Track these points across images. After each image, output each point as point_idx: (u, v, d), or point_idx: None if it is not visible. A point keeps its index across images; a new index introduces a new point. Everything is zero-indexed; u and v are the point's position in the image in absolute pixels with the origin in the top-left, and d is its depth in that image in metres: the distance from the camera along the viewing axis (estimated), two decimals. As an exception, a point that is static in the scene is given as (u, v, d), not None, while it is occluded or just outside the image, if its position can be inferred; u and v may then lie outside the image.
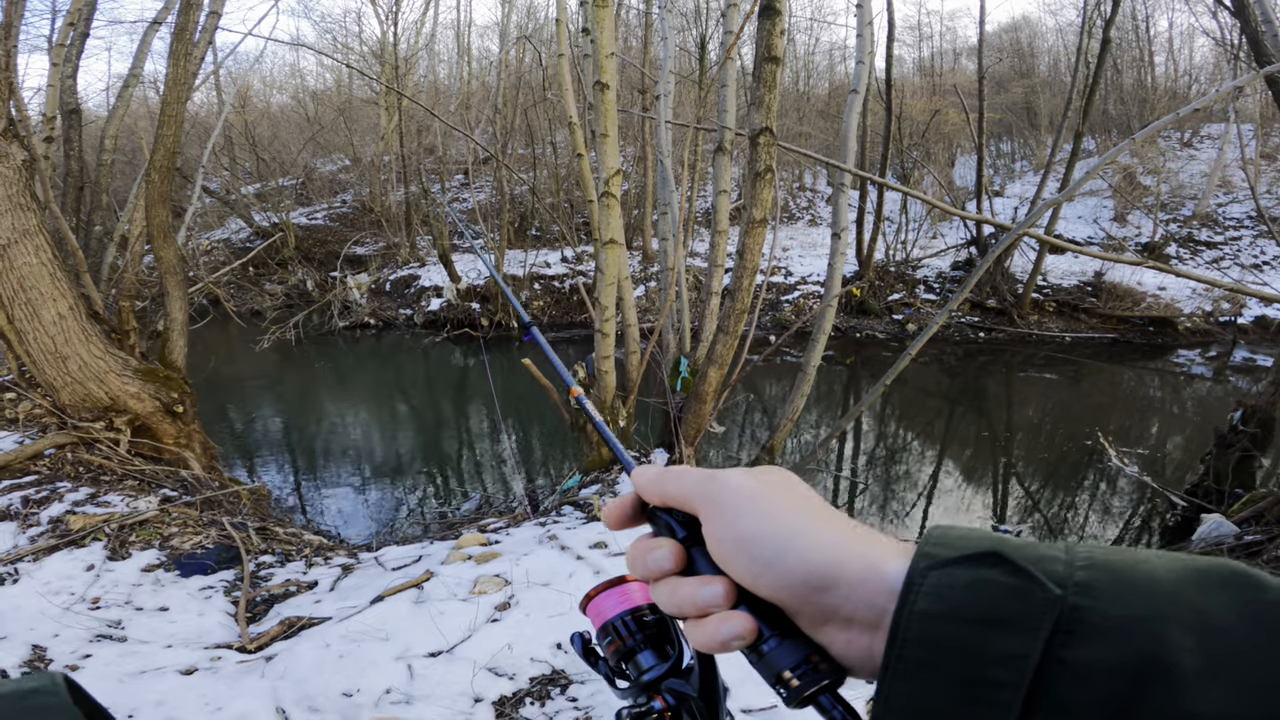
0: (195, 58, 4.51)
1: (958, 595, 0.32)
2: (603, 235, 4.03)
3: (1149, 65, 19.49)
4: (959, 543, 0.34)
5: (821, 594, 0.36)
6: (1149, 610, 0.30)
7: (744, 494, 0.39)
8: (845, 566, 0.36)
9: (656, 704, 0.45)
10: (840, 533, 0.37)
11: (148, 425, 4.42)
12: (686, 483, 0.42)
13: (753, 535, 0.38)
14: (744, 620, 0.38)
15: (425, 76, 20.60)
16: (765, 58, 3.46)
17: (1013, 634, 0.31)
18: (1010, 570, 0.32)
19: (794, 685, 0.36)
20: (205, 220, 15.67)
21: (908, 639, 0.32)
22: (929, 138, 15.49)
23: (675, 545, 0.41)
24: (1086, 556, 0.32)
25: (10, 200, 3.69)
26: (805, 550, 0.37)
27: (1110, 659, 0.29)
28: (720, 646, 0.38)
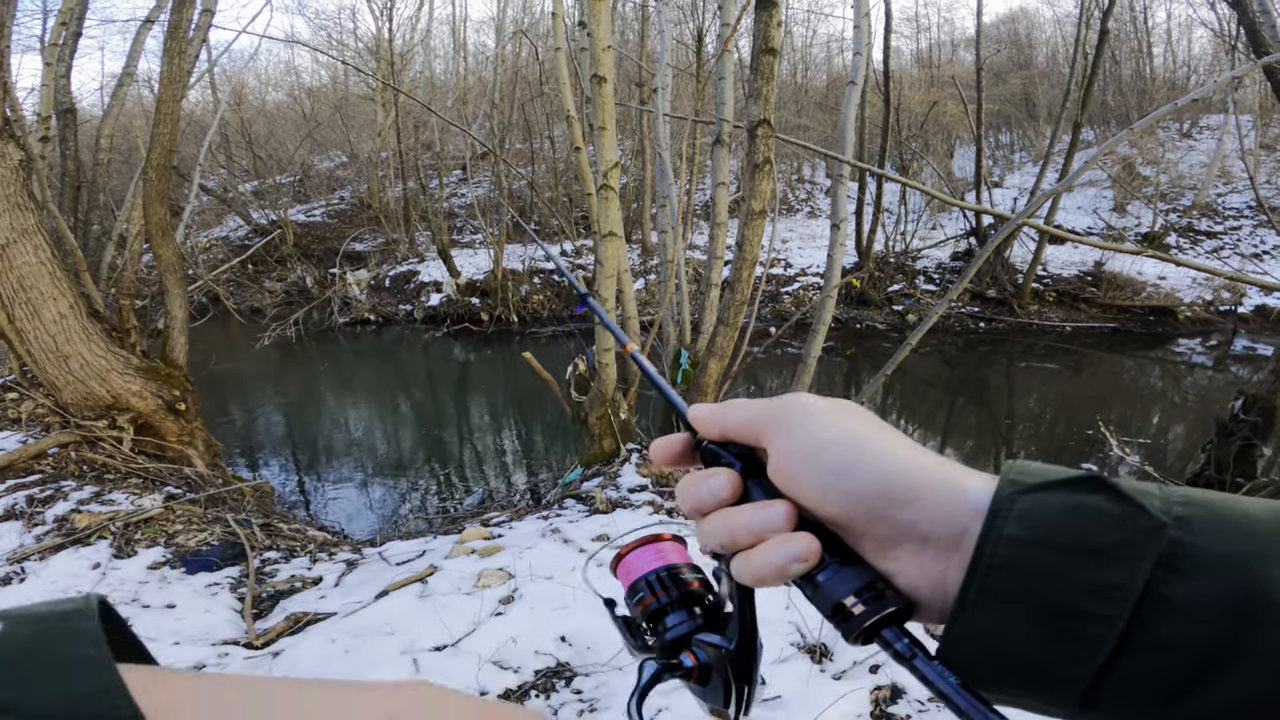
0: (190, 55, 4.50)
1: (1053, 519, 0.30)
2: (601, 228, 4.03)
3: (1147, 56, 19.45)
4: (1048, 470, 0.32)
5: (899, 508, 0.33)
6: (1251, 547, 0.28)
7: (817, 409, 0.37)
8: (925, 479, 0.33)
9: (686, 659, 0.42)
10: (918, 451, 0.35)
11: (150, 423, 4.42)
12: (752, 408, 0.39)
13: (827, 443, 0.35)
14: (806, 539, 0.34)
15: (421, 72, 20.54)
16: (763, 50, 3.45)
17: (1114, 564, 0.29)
18: (1113, 496, 0.30)
19: (857, 613, 0.33)
20: (203, 219, 15.64)
21: (993, 566, 0.30)
22: (927, 129, 15.46)
23: (732, 473, 0.39)
24: (1183, 494, 0.31)
25: (8, 200, 3.68)
26: (883, 458, 0.34)
27: (1213, 596, 0.28)
28: (777, 573, 0.35)
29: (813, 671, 2.16)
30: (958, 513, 0.32)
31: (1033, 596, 0.30)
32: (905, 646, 0.33)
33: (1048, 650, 0.29)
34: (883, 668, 2.17)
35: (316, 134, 18.56)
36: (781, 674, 2.16)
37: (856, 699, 2.06)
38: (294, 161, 18.23)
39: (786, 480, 0.36)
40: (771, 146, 3.55)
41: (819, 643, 2.29)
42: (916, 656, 0.32)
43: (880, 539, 0.34)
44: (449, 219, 15.26)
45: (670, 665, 0.42)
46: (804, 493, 0.36)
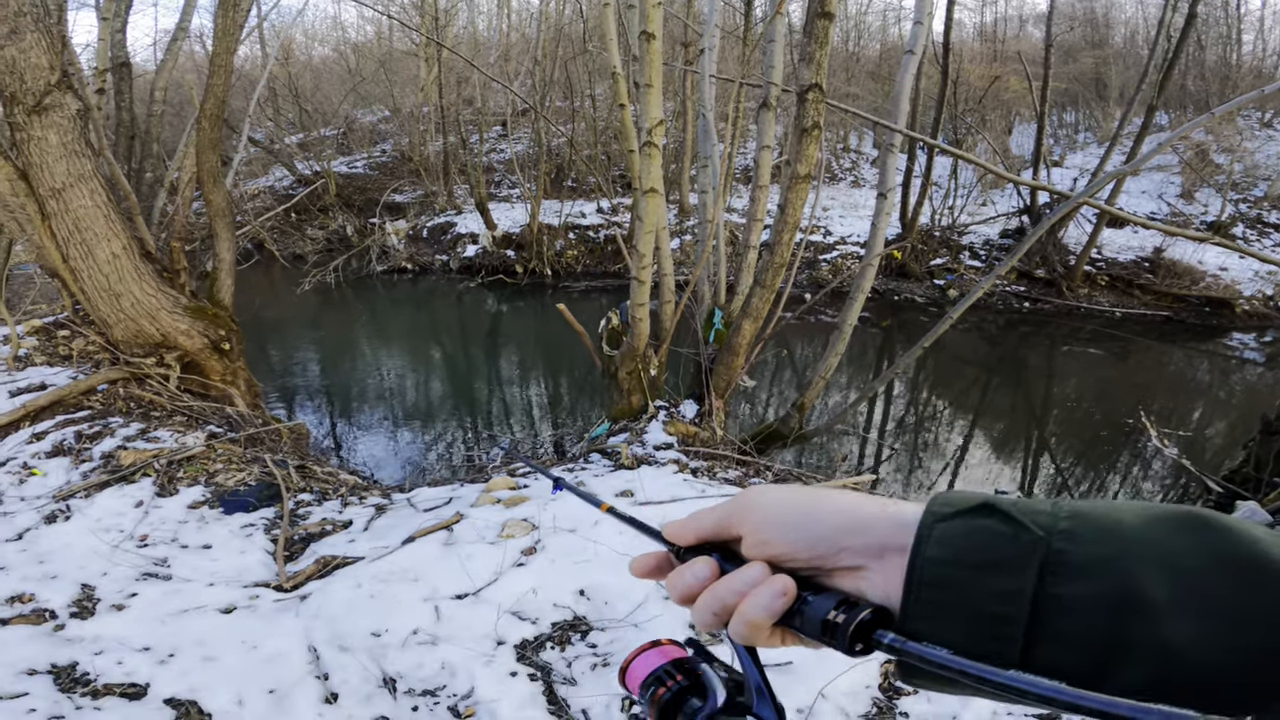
0: (242, 9, 4.54)
1: (960, 542, 0.37)
2: (643, 184, 4.00)
3: (1235, 43, 18.31)
4: (958, 500, 0.39)
5: (857, 535, 0.40)
6: (1117, 550, 0.34)
7: (772, 488, 0.45)
8: (871, 511, 0.41)
9: None
10: (859, 495, 0.43)
11: (196, 362, 4.59)
12: (718, 509, 0.47)
13: (788, 506, 0.43)
14: (781, 578, 0.41)
15: (465, 28, 20.34)
16: (818, 13, 3.33)
17: (1008, 573, 0.35)
18: (1002, 519, 0.36)
19: (840, 622, 0.39)
20: (250, 169, 15.92)
21: (922, 582, 0.37)
22: (986, 104, 14.82)
23: (709, 558, 0.45)
24: (1070, 508, 0.36)
25: (65, 147, 3.80)
26: (835, 504, 0.42)
27: (1092, 593, 0.33)
28: (765, 612, 0.41)
29: (825, 640, 2.18)
30: (899, 531, 0.39)
31: (957, 604, 0.36)
32: (893, 639, 0.37)
33: (977, 645, 0.35)
34: (896, 641, 2.17)
35: (361, 88, 18.63)
36: (794, 640, 2.18)
37: (867, 670, 2.07)
38: (338, 115, 18.36)
39: (761, 547, 0.43)
40: (821, 111, 3.45)
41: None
42: (906, 643, 0.37)
43: (848, 565, 0.41)
44: (487, 173, 15.27)
45: None
46: (777, 550, 0.43)
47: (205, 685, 2.10)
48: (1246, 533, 0.33)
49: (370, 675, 2.15)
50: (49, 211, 3.94)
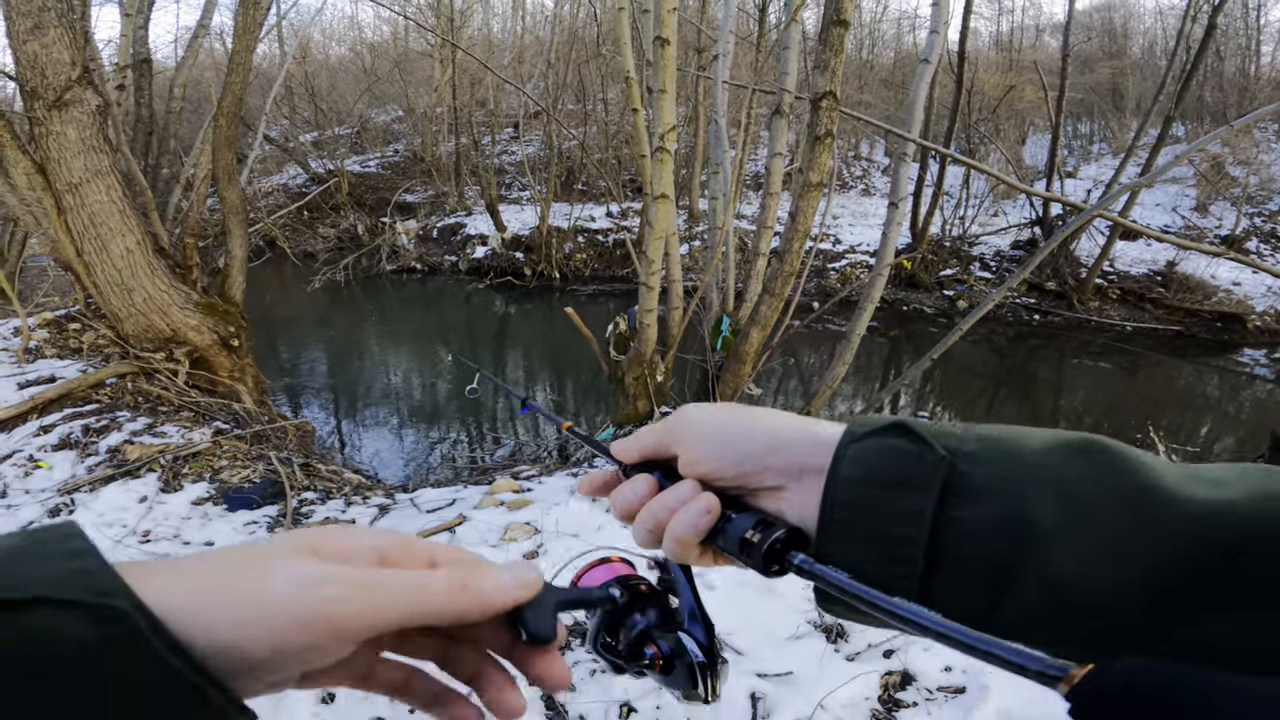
0: (262, 7, 4.58)
1: (871, 461, 0.37)
2: (654, 190, 4.00)
3: (1254, 54, 18.19)
4: (875, 420, 0.38)
5: (775, 455, 0.40)
6: (1015, 473, 0.33)
7: (705, 409, 0.45)
8: (791, 431, 0.41)
9: (649, 651, 0.47)
10: (784, 415, 0.43)
11: (205, 357, 4.61)
12: (658, 427, 0.47)
13: (717, 427, 0.43)
14: (706, 496, 0.42)
15: (480, 30, 20.45)
16: (834, 21, 3.32)
17: (912, 493, 0.35)
18: (912, 439, 0.36)
19: (755, 541, 0.39)
20: (264, 166, 16.05)
21: (835, 503, 0.37)
22: (999, 114, 14.77)
23: (647, 475, 0.46)
24: (980, 433, 0.36)
25: (84, 142, 3.84)
26: (759, 424, 0.42)
27: (988, 516, 0.33)
28: (691, 529, 0.41)
29: (827, 651, 2.17)
30: (819, 451, 0.39)
31: (863, 523, 0.36)
32: (803, 560, 0.38)
33: (881, 568, 0.35)
34: (896, 653, 2.16)
35: (375, 88, 18.76)
36: (796, 651, 2.17)
37: (867, 681, 2.06)
38: (353, 114, 18.49)
39: (692, 465, 0.43)
40: (835, 120, 3.45)
41: (836, 622, 2.28)
42: (814, 565, 0.37)
43: (770, 485, 0.41)
44: (498, 175, 15.32)
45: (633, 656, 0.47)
46: (706, 468, 0.43)
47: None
48: (1139, 461, 0.33)
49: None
50: (65, 206, 3.98)
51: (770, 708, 1.97)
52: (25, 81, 3.69)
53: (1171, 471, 0.32)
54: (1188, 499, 0.31)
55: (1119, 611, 0.30)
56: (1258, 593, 0.29)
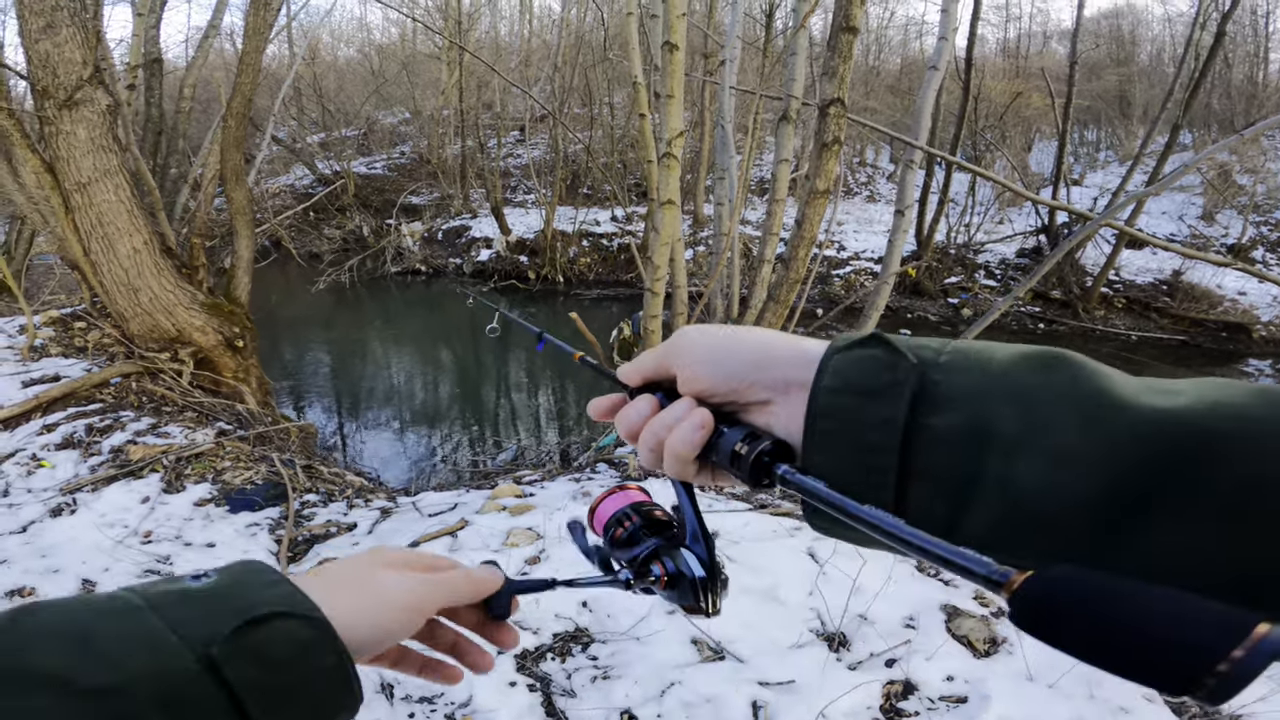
0: (273, 8, 4.61)
1: (849, 371, 0.38)
2: (661, 196, 4.00)
3: (1263, 61, 18.16)
4: (855, 335, 0.40)
5: (763, 370, 0.42)
6: (982, 383, 0.34)
7: (699, 329, 0.47)
8: (780, 347, 0.43)
9: (655, 569, 0.50)
10: (773, 333, 0.44)
11: (209, 358, 4.62)
12: (657, 350, 0.49)
13: (710, 345, 0.45)
14: (700, 411, 0.43)
15: (487, 33, 20.53)
16: (843, 27, 3.32)
17: (885, 401, 0.36)
18: (887, 349, 0.37)
19: (743, 453, 0.41)
20: (272, 167, 16.12)
21: (817, 413, 0.38)
22: (1006, 120, 14.76)
23: (649, 395, 0.48)
24: (954, 346, 0.37)
25: (93, 142, 3.86)
26: (748, 342, 0.44)
27: (955, 424, 0.34)
28: (687, 444, 0.43)
29: (829, 659, 2.15)
30: (804, 366, 0.40)
31: (842, 432, 0.37)
32: (785, 471, 0.39)
33: (860, 477, 0.36)
34: (898, 662, 2.14)
35: (383, 90, 18.82)
36: (798, 659, 2.15)
37: (869, 691, 2.04)
38: (360, 115, 18.56)
39: (689, 384, 0.45)
40: (842, 127, 3.44)
41: (838, 631, 2.27)
42: (795, 475, 0.39)
43: (759, 400, 0.43)
44: (504, 178, 15.36)
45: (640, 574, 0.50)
46: (701, 385, 0.44)
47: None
48: (1097, 370, 0.33)
49: (367, 679, 2.14)
50: (73, 205, 3.99)
51: (772, 716, 1.96)
52: (37, 80, 3.71)
53: (1129, 382, 0.33)
54: (1140, 405, 0.31)
55: (1072, 522, 0.31)
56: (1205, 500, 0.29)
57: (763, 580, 2.52)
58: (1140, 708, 1.96)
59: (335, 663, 0.38)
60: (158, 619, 0.35)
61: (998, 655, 2.20)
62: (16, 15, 3.63)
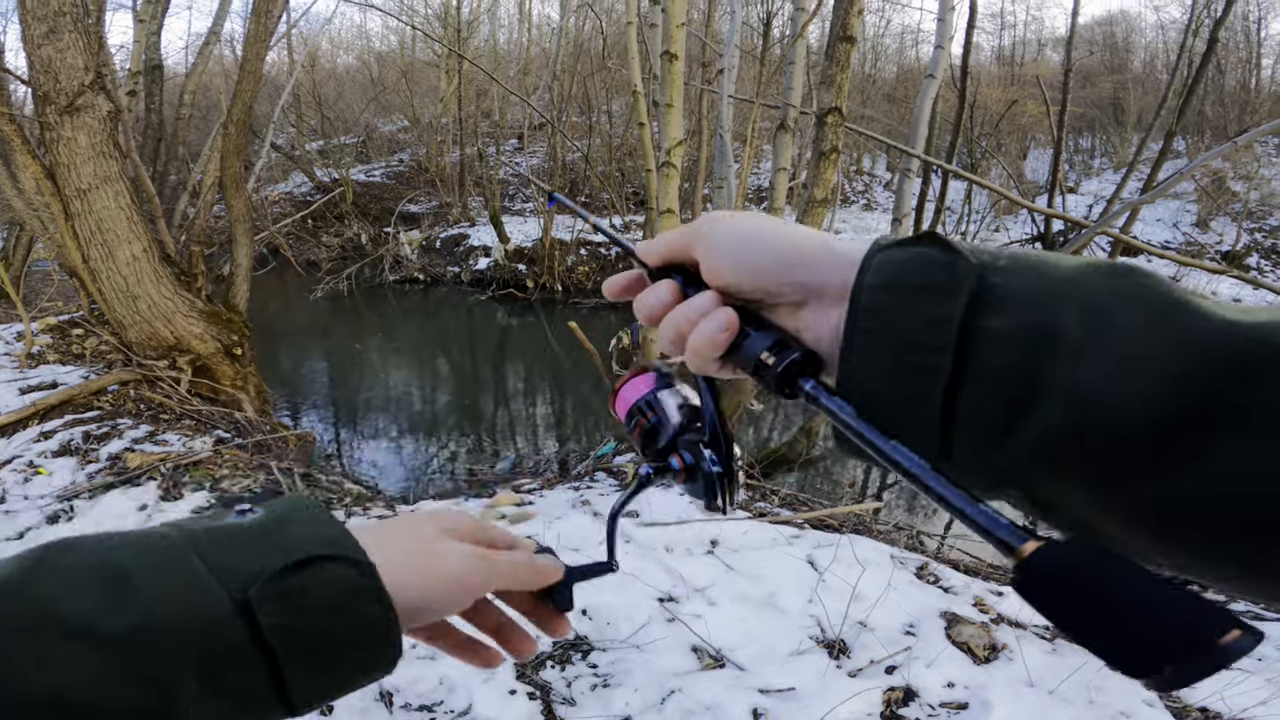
0: (274, 16, 4.63)
1: (898, 268, 0.35)
2: (659, 205, 4.02)
3: (1255, 67, 18.35)
4: (902, 236, 0.37)
5: (794, 270, 0.39)
6: (1044, 286, 0.33)
7: (728, 215, 0.44)
8: (812, 246, 0.40)
9: (674, 462, 0.48)
10: (806, 230, 0.41)
11: (208, 366, 4.62)
12: (680, 229, 0.45)
13: (737, 236, 0.42)
14: (725, 311, 0.41)
15: (486, 41, 20.63)
16: (840, 36, 3.36)
17: (940, 299, 0.34)
18: (942, 248, 0.35)
19: (770, 363, 0.39)
20: (270, 174, 16.14)
21: (858, 310, 0.36)
22: (1002, 128, 14.86)
23: (670, 281, 0.45)
24: (1012, 252, 0.36)
25: (94, 148, 3.86)
26: (779, 237, 0.41)
27: (1015, 324, 0.32)
28: (710, 343, 0.41)
29: (829, 667, 2.15)
30: (840, 268, 0.38)
31: (888, 332, 0.35)
32: (812, 386, 0.38)
33: (904, 383, 0.34)
34: (899, 669, 2.14)
35: (382, 98, 18.90)
36: (798, 667, 2.15)
37: (869, 698, 2.04)
38: (359, 123, 18.62)
39: (712, 274, 0.42)
40: (840, 135, 3.47)
41: (838, 638, 2.27)
42: (820, 395, 0.37)
43: (790, 303, 0.40)
44: (502, 186, 15.40)
45: (661, 469, 0.49)
46: (725, 279, 0.42)
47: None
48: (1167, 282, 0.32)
49: (366, 689, 2.13)
50: (73, 211, 4.00)
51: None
52: (38, 86, 3.72)
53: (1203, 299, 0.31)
54: (1212, 315, 0.30)
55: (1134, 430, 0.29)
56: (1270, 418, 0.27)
57: (762, 588, 2.52)
58: (1141, 712, 1.96)
59: (379, 614, 0.37)
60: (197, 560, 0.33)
61: (998, 662, 2.20)
62: (19, 20, 3.64)
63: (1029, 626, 2.42)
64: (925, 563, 2.83)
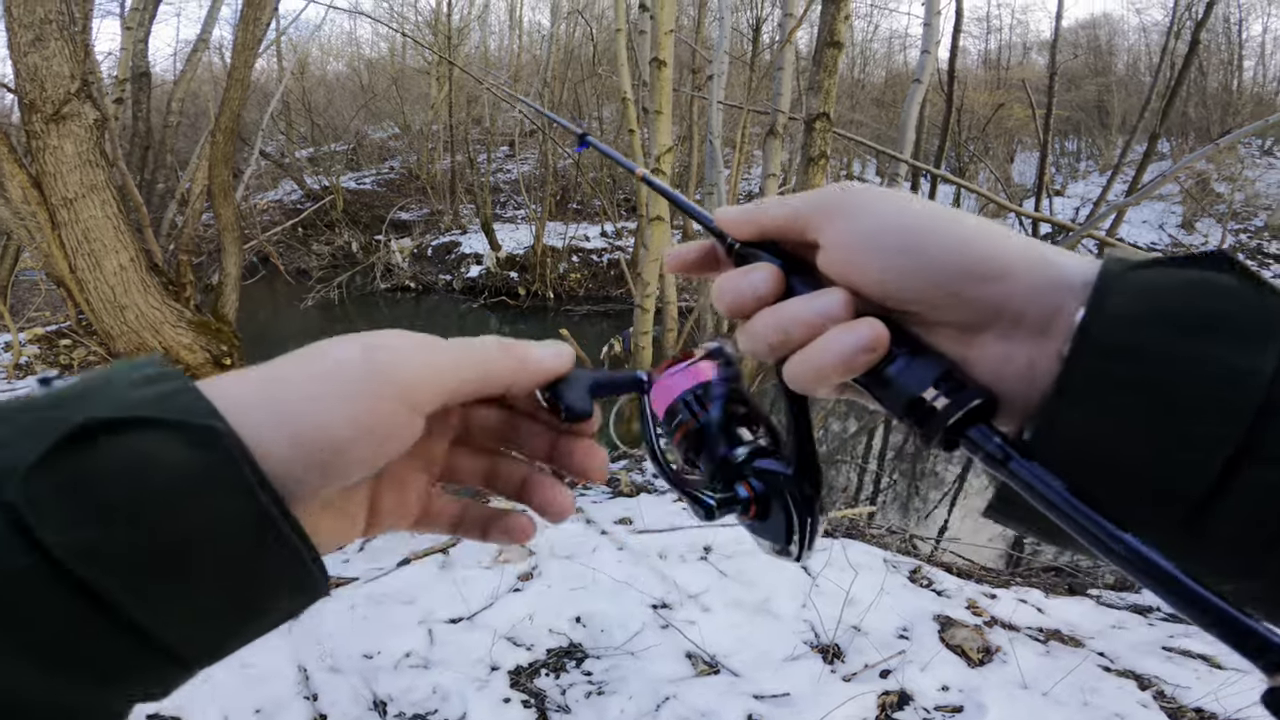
0: (262, 24, 4.63)
1: (1176, 296, 0.25)
2: (649, 212, 4.04)
3: (1237, 69, 18.62)
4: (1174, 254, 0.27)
5: (984, 284, 0.28)
6: None
7: (875, 192, 0.32)
8: (1014, 253, 0.28)
9: (741, 490, 0.35)
10: (999, 228, 0.30)
11: (197, 376, 4.54)
12: (794, 199, 0.34)
13: (894, 224, 0.30)
14: (872, 324, 0.30)
15: (477, 48, 20.67)
16: (828, 42, 3.39)
17: (1245, 345, 0.24)
18: (1239, 273, 0.25)
19: (940, 407, 0.28)
20: (260, 182, 16.10)
21: (1099, 348, 0.26)
22: (989, 132, 14.99)
23: (773, 266, 0.34)
24: None
25: (80, 157, 3.84)
26: (965, 229, 0.29)
27: None
28: (842, 364, 0.30)
29: (824, 672, 2.15)
30: (1053, 290, 0.28)
31: (1147, 383, 0.25)
32: (998, 447, 0.27)
33: (1159, 451, 0.25)
34: (893, 673, 2.14)
35: (372, 105, 18.89)
36: (792, 672, 2.15)
37: (864, 702, 2.04)
38: (349, 130, 18.60)
39: (844, 269, 0.32)
40: (828, 141, 3.50)
41: (832, 643, 2.27)
42: (1011, 459, 0.27)
43: (962, 325, 0.30)
44: (494, 193, 15.40)
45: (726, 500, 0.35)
46: (866, 279, 0.31)
47: (192, 702, 2.07)
48: None
49: (361, 697, 2.12)
50: (59, 221, 3.97)
51: (767, 731, 1.96)
52: (24, 94, 3.70)
53: None
54: None
55: None
56: None
57: (756, 594, 2.52)
58: (1135, 713, 1.97)
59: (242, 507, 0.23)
60: None
61: (991, 664, 2.21)
62: (5, 28, 3.62)
63: (1022, 629, 2.43)
64: (918, 566, 2.84)
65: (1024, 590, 2.78)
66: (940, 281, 0.29)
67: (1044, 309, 0.28)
